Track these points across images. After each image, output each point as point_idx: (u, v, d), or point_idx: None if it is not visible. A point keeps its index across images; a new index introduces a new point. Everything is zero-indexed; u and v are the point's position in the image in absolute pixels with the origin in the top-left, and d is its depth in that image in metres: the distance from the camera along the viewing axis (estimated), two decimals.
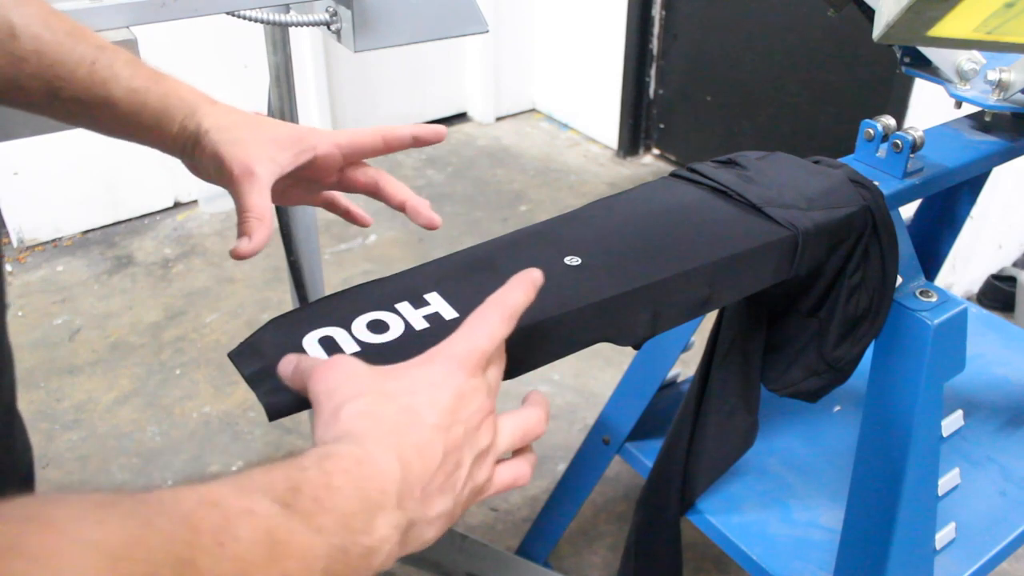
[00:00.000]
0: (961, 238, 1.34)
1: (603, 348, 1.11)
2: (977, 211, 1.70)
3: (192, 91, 0.65)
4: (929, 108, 2.15)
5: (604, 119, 3.20)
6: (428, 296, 0.62)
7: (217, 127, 0.63)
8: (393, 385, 0.46)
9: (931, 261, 1.33)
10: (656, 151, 3.19)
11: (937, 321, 0.85)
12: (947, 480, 1.04)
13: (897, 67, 0.98)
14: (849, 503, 0.98)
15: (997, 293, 2.32)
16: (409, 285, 0.64)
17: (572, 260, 0.68)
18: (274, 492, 0.37)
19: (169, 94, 0.63)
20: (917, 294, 0.88)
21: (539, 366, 0.62)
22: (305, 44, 2.83)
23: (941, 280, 1.57)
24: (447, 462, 0.45)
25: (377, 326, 0.59)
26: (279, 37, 1.20)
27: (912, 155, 0.88)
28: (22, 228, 2.58)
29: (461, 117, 3.47)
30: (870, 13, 0.80)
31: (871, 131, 0.90)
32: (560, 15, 3.26)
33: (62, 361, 2.13)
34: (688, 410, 1.07)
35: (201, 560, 0.32)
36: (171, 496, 0.34)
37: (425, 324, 0.59)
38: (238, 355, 0.57)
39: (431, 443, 0.44)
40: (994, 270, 2.37)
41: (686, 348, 1.17)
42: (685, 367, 1.33)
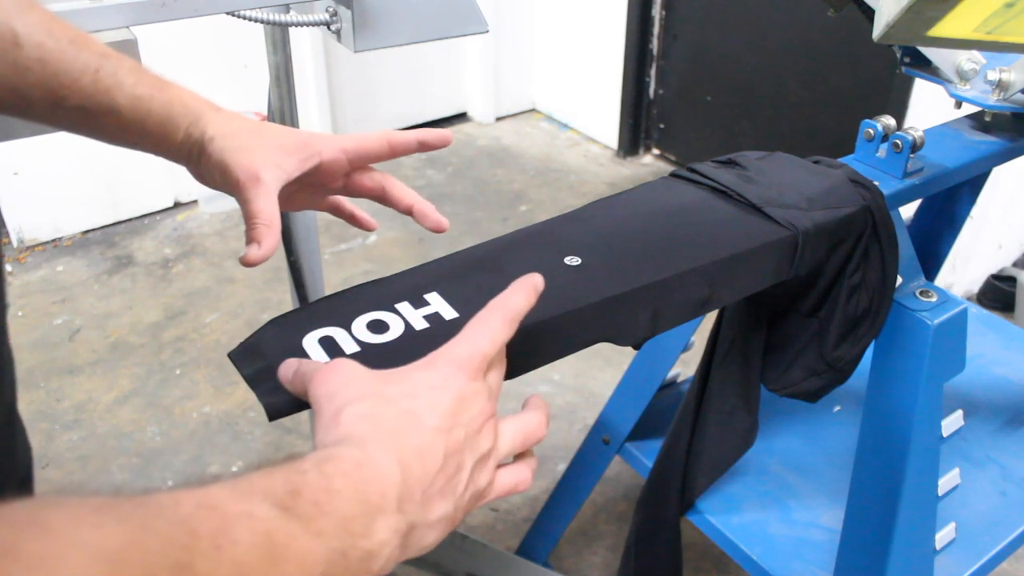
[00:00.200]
0: (961, 238, 1.34)
1: (603, 348, 1.11)
2: (977, 211, 1.69)
3: (196, 98, 0.65)
4: (929, 108, 2.15)
5: (604, 119, 3.20)
6: (428, 296, 0.62)
7: (222, 134, 0.63)
8: (394, 388, 0.46)
9: (931, 261, 1.33)
10: (656, 151, 3.19)
11: (937, 321, 0.85)
12: (947, 480, 1.04)
13: (897, 67, 0.98)
14: (849, 503, 0.98)
15: (997, 293, 2.32)
16: (409, 285, 0.64)
17: (572, 260, 0.68)
18: (273, 495, 0.37)
19: (173, 101, 0.63)
20: (917, 294, 0.88)
21: (539, 366, 0.61)
22: (305, 44, 2.83)
23: (941, 280, 1.57)
24: (448, 465, 0.44)
25: (377, 326, 0.58)
26: (279, 37, 1.20)
27: (912, 155, 0.88)
28: (22, 228, 2.58)
29: (461, 117, 3.47)
30: (870, 13, 0.80)
31: (871, 131, 0.89)
32: (560, 15, 3.26)
33: (62, 361, 2.13)
34: (688, 410, 1.07)
35: (199, 564, 0.32)
36: (170, 499, 0.34)
37: (425, 324, 0.59)
38: (238, 355, 0.56)
39: (432, 446, 0.44)
40: (994, 270, 2.37)
41: (686, 348, 1.17)
42: (685, 367, 1.33)
